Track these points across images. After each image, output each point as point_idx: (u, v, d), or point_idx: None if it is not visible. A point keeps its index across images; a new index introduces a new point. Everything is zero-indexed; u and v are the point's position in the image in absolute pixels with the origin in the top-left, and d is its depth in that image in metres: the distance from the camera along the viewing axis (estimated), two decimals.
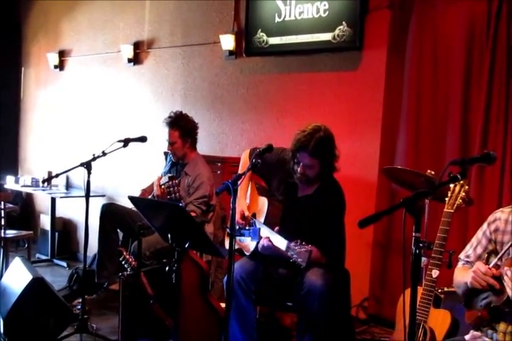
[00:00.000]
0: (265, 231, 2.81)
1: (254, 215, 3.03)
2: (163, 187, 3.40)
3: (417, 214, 1.77)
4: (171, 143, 3.78)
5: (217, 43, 4.67)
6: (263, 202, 3.07)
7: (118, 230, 4.15)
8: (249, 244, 2.98)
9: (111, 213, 4.01)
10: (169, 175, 3.45)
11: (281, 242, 2.64)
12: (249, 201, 3.12)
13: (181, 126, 3.78)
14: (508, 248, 1.98)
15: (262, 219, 2.91)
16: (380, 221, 3.59)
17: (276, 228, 2.81)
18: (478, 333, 2.05)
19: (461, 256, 2.19)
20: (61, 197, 5.65)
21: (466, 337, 2.07)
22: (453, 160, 1.91)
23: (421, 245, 1.77)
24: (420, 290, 2.35)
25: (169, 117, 3.81)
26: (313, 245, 2.58)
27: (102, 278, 3.98)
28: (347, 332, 3.20)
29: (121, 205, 4.37)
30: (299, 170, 2.85)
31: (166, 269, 3.07)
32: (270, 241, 2.74)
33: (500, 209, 2.16)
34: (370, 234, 3.77)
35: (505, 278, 1.84)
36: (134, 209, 3.74)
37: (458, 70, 3.41)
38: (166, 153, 4.12)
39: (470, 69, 3.37)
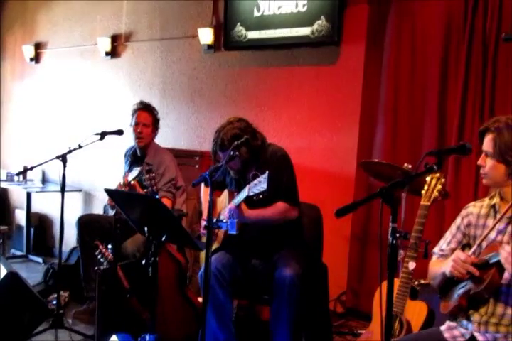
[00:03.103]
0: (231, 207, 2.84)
1: (219, 214, 3.05)
2: (132, 182, 3.39)
3: (393, 204, 1.77)
4: (144, 125, 3.77)
5: (195, 37, 4.63)
6: (223, 197, 3.09)
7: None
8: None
9: (88, 223, 3.90)
10: (147, 168, 3.44)
11: (243, 193, 2.69)
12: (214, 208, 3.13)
13: (154, 114, 3.83)
14: (481, 242, 2.00)
15: (227, 210, 2.91)
16: (356, 212, 3.66)
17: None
18: (453, 323, 2.06)
19: (435, 250, 2.20)
20: (37, 192, 5.58)
21: (442, 327, 2.09)
22: (429, 151, 1.92)
23: (397, 235, 1.77)
24: (397, 282, 2.37)
25: (142, 102, 3.84)
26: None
27: (90, 291, 3.85)
28: (324, 325, 3.21)
29: (96, 213, 4.34)
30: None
31: (142, 262, 3.05)
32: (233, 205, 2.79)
33: (472, 203, 2.17)
34: (347, 228, 3.79)
35: (503, 253, 1.84)
36: (110, 214, 3.72)
37: (435, 65, 3.44)
38: (125, 154, 4.07)
39: (447, 63, 3.41)
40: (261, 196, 2.61)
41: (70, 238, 4.72)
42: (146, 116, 3.78)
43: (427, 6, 3.50)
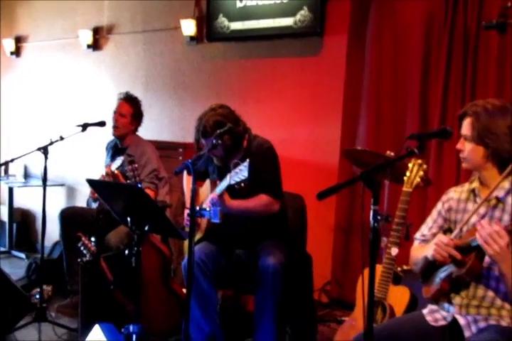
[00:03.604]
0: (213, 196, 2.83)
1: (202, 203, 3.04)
2: (116, 172, 3.37)
3: (374, 187, 1.77)
4: (121, 115, 3.77)
5: (178, 28, 4.60)
6: (205, 187, 3.08)
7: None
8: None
9: (70, 216, 3.89)
10: (129, 159, 3.42)
11: (224, 182, 2.68)
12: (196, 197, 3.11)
13: (136, 107, 3.81)
14: (462, 226, 2.01)
15: (210, 199, 2.89)
16: (340, 202, 3.66)
17: None
18: (435, 307, 2.07)
19: (417, 235, 2.21)
20: (19, 187, 5.52)
21: (424, 311, 2.09)
22: (411, 134, 1.92)
23: (379, 218, 1.77)
24: (380, 268, 2.38)
25: (126, 93, 3.84)
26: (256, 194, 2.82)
27: (74, 285, 3.81)
28: (309, 315, 3.22)
29: (80, 206, 4.33)
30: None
31: (125, 253, 3.03)
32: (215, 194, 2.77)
33: (453, 188, 2.19)
34: (331, 218, 3.80)
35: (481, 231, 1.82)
36: (93, 207, 3.70)
37: (417, 55, 3.46)
38: (107, 147, 4.06)
39: (429, 54, 3.42)
40: (242, 184, 2.59)
41: (53, 233, 4.66)
42: (125, 107, 3.78)
43: None
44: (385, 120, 3.62)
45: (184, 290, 3.06)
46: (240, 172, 2.55)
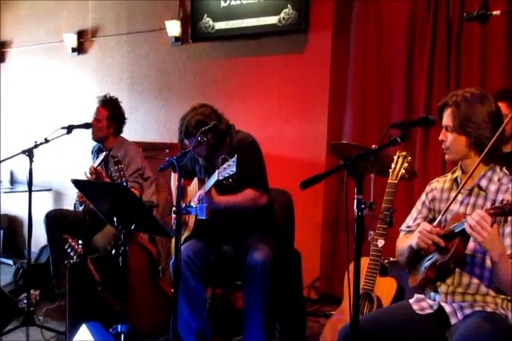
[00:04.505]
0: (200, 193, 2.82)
1: (190, 202, 3.03)
2: (98, 168, 3.36)
3: (358, 176, 1.77)
4: (96, 120, 3.76)
5: (163, 30, 4.60)
6: (193, 186, 3.07)
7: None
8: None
9: (56, 218, 3.87)
10: (115, 160, 3.40)
11: (213, 178, 2.67)
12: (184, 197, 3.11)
13: (112, 109, 3.79)
14: (445, 212, 2.01)
15: (197, 196, 2.89)
16: (328, 198, 3.63)
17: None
18: (421, 296, 2.07)
19: (402, 227, 2.21)
20: (5, 193, 5.46)
21: (410, 300, 2.09)
22: (393, 123, 1.92)
23: (363, 206, 1.77)
24: (367, 260, 2.37)
25: (104, 97, 3.82)
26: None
27: (62, 288, 3.77)
28: (298, 312, 3.20)
29: (65, 209, 4.31)
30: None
31: (112, 253, 3.01)
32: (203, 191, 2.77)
33: (436, 179, 2.20)
34: (319, 215, 3.79)
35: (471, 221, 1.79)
36: (79, 210, 3.69)
37: (401, 49, 3.48)
38: (92, 151, 4.05)
39: (412, 47, 3.45)
40: (230, 180, 2.58)
41: (40, 238, 4.60)
42: (100, 111, 3.77)
43: None
44: (371, 115, 3.63)
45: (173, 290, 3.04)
46: (229, 168, 2.55)
